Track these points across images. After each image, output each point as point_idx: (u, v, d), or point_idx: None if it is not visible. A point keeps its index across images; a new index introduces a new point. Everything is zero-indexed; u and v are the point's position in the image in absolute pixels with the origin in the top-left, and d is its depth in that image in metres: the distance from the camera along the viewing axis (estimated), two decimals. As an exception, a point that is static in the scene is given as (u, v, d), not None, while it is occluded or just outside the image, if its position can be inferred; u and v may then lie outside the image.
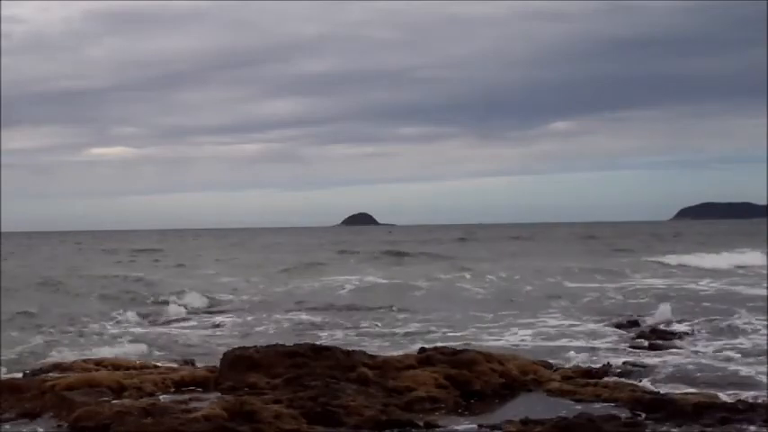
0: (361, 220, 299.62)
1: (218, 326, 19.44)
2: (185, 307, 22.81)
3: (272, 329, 18.54)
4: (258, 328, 18.70)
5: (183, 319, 20.84)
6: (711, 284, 28.00)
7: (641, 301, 23.27)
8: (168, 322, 20.30)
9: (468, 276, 31.88)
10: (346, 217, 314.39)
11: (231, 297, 25.88)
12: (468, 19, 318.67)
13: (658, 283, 28.88)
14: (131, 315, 20.73)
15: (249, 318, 20.63)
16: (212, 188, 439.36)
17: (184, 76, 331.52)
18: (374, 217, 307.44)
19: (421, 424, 8.87)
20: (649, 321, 18.06)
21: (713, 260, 38.27)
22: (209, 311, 22.53)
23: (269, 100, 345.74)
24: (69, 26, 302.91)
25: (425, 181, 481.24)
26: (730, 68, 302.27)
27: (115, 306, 22.74)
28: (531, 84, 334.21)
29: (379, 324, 19.03)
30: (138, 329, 18.87)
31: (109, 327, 19.02)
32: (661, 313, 18.54)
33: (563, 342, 15.67)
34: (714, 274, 32.87)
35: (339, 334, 17.48)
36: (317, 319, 20.19)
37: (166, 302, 23.72)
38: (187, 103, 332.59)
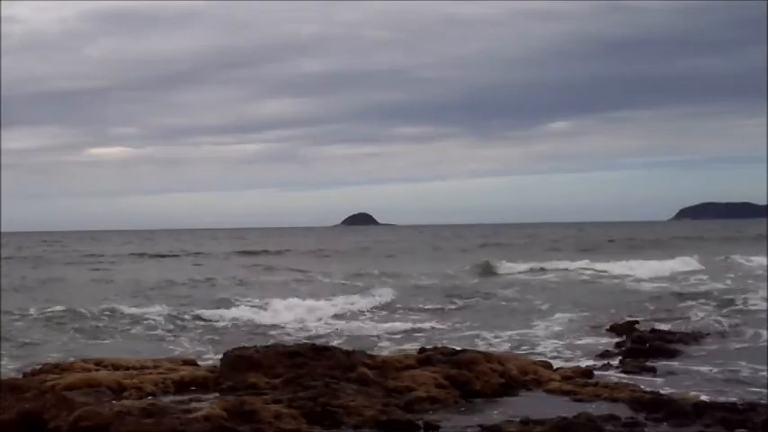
0: (361, 219, 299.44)
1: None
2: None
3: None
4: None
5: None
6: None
7: None
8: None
9: None
10: (346, 217, 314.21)
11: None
12: (467, 19, 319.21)
13: None
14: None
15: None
16: (212, 188, 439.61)
17: (183, 76, 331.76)
18: (374, 217, 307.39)
19: (421, 424, 8.87)
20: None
21: None
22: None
23: (268, 100, 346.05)
24: (67, 26, 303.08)
25: (426, 181, 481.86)
26: (730, 68, 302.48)
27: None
28: (530, 84, 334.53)
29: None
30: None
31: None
32: None
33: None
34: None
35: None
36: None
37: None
38: (186, 104, 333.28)
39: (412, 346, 14.65)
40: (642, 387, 10.72)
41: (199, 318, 20.37)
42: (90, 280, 34.56)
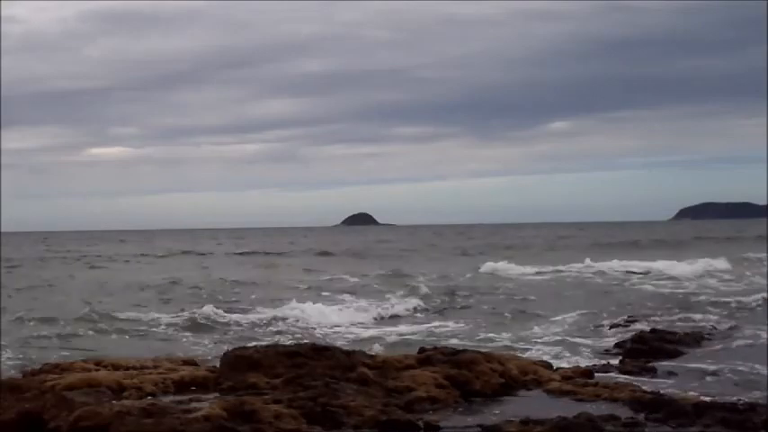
0: (361, 219, 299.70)
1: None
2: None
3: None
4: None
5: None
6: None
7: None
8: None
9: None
10: (346, 217, 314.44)
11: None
12: (467, 19, 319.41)
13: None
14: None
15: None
16: (211, 188, 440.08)
17: (183, 76, 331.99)
18: (374, 217, 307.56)
19: (421, 424, 8.87)
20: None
21: None
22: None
23: (268, 100, 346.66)
24: (67, 26, 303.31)
25: (426, 181, 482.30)
26: (730, 68, 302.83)
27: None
28: (530, 84, 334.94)
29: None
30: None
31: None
32: None
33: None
34: None
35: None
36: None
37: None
38: (186, 104, 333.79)
39: (413, 338, 14.67)
40: (642, 387, 10.71)
41: (200, 318, 20.38)
42: (90, 280, 34.60)
